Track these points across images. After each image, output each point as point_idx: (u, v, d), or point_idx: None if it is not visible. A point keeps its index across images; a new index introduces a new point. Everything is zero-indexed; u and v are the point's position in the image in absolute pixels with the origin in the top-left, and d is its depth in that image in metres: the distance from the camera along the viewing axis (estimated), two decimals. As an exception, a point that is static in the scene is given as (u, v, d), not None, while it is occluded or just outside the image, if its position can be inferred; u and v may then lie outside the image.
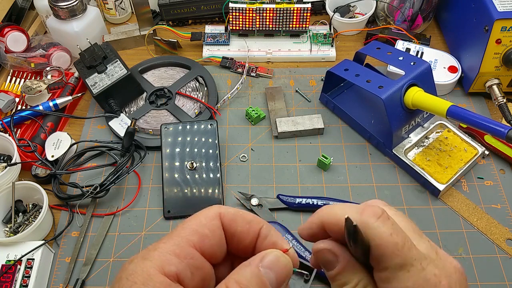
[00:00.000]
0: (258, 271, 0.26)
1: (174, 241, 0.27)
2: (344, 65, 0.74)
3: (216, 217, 0.29)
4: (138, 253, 0.27)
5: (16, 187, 0.64)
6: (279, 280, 0.27)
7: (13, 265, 0.58)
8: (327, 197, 0.68)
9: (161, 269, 0.26)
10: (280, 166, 0.72)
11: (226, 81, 0.85)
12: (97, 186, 0.66)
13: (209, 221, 0.29)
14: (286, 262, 0.27)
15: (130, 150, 0.71)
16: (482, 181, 0.70)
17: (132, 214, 0.68)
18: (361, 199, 0.68)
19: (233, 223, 0.29)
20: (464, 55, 0.81)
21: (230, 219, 0.29)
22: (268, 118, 0.79)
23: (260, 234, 0.29)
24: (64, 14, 0.81)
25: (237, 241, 0.29)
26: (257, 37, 0.90)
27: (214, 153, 0.70)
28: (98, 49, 0.77)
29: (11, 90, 0.82)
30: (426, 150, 0.71)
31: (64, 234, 0.65)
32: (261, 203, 0.67)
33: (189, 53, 0.90)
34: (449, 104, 0.62)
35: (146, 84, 0.81)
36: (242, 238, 0.29)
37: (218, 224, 0.29)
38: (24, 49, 0.83)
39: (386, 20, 0.90)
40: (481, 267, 0.62)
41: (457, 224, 0.66)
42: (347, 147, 0.75)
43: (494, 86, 0.75)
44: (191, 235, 0.28)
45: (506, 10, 0.70)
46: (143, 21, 0.89)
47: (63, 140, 0.71)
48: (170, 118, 0.77)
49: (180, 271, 0.26)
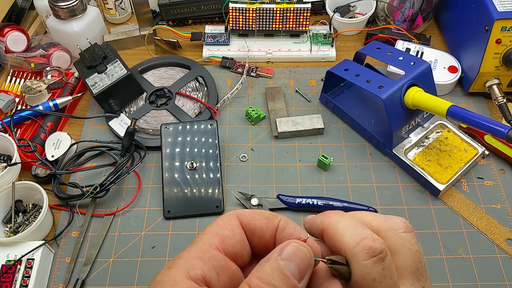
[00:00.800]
0: (278, 264, 0.26)
1: (196, 246, 0.28)
2: (344, 65, 0.74)
3: (234, 217, 0.29)
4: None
5: (16, 187, 0.64)
6: (302, 271, 0.26)
7: (13, 265, 0.58)
8: (327, 197, 0.68)
9: (186, 274, 0.26)
10: (280, 166, 0.73)
11: (226, 81, 0.85)
12: (97, 186, 0.66)
13: (227, 222, 0.29)
14: (306, 252, 0.27)
15: (130, 150, 0.71)
16: (482, 181, 0.70)
17: (132, 214, 0.68)
18: (361, 199, 0.68)
19: (251, 221, 0.29)
20: (464, 55, 0.81)
21: (248, 217, 0.29)
22: (268, 118, 0.79)
23: (278, 228, 0.29)
24: (64, 14, 0.81)
25: (258, 238, 0.29)
26: (257, 37, 0.90)
27: (214, 153, 0.70)
28: (98, 49, 0.77)
29: (11, 90, 0.82)
30: (426, 150, 0.71)
31: (64, 234, 0.65)
32: (261, 203, 0.67)
33: (189, 53, 0.90)
34: (449, 104, 0.62)
35: (146, 84, 0.81)
36: (262, 234, 0.29)
37: (237, 224, 0.29)
38: (24, 49, 0.83)
39: (386, 20, 0.90)
40: (481, 267, 0.62)
41: (457, 224, 0.66)
42: (347, 147, 0.75)
43: (494, 86, 0.75)
44: (212, 238, 0.28)
45: (506, 10, 0.70)
46: (143, 21, 0.89)
47: (63, 140, 0.71)
48: (170, 118, 0.77)
49: (205, 274, 0.26)
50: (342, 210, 0.42)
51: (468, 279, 0.60)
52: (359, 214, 0.30)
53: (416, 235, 0.29)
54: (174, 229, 0.66)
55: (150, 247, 0.64)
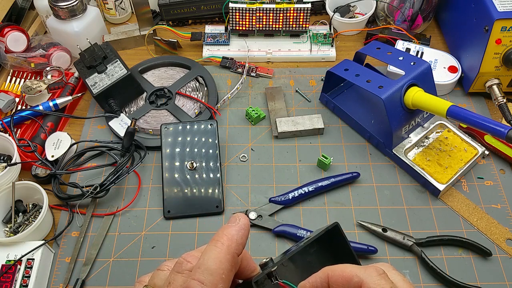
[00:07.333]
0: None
1: None
2: (344, 65, 0.74)
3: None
4: None
5: (16, 187, 0.64)
6: None
7: (13, 265, 0.58)
8: (314, 181, 0.69)
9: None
10: (280, 166, 0.72)
11: (226, 81, 0.85)
12: (97, 186, 0.66)
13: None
14: None
15: (130, 150, 0.71)
16: (482, 181, 0.70)
17: (132, 214, 0.68)
18: (360, 199, 0.68)
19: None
20: (464, 55, 0.81)
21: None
22: (268, 118, 0.79)
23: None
24: (64, 14, 0.81)
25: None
26: (257, 37, 0.90)
27: (214, 153, 0.70)
28: (98, 49, 0.77)
29: (11, 90, 0.82)
30: (426, 150, 0.71)
31: (64, 234, 0.65)
32: (259, 214, 0.67)
33: (189, 53, 0.90)
34: (449, 104, 0.62)
35: (146, 84, 0.81)
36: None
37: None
38: (24, 49, 0.83)
39: (386, 20, 0.90)
40: (481, 267, 0.62)
41: (457, 224, 0.66)
42: (347, 147, 0.75)
43: (494, 86, 0.75)
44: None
45: (506, 10, 0.70)
46: (143, 21, 0.89)
47: (63, 140, 0.71)
48: (170, 118, 0.77)
49: None
50: (330, 186, 0.47)
51: (468, 279, 0.60)
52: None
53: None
54: (174, 229, 0.66)
55: (150, 247, 0.64)
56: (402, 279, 0.30)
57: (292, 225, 0.65)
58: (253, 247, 0.64)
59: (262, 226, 0.65)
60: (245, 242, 0.30)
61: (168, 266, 0.31)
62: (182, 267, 0.29)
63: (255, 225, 0.66)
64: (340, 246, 0.35)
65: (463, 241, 0.63)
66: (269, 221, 0.66)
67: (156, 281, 0.31)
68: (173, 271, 0.29)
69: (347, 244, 0.34)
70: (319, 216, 0.67)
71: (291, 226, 0.65)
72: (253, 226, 0.66)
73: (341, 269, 0.30)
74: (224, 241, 0.29)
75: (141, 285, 0.31)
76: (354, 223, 0.66)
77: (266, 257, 0.32)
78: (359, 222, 0.65)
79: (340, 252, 0.35)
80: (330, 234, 0.34)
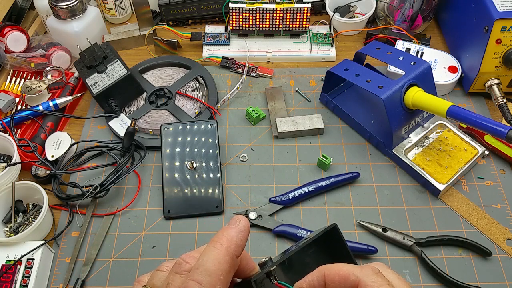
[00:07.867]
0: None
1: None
2: (344, 65, 0.74)
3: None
4: None
5: (16, 187, 0.64)
6: None
7: (13, 265, 0.58)
8: (314, 181, 0.68)
9: None
10: (280, 166, 0.73)
11: (226, 81, 0.85)
12: (97, 186, 0.66)
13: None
14: None
15: (130, 150, 0.71)
16: (482, 181, 0.70)
17: (132, 214, 0.68)
18: (360, 199, 0.68)
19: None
20: (464, 55, 0.81)
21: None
22: (268, 118, 0.79)
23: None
24: (64, 14, 0.81)
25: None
26: (257, 37, 0.90)
27: (214, 153, 0.70)
28: (98, 49, 0.77)
29: (11, 90, 0.82)
30: (426, 150, 0.71)
31: (64, 234, 0.65)
32: (259, 214, 0.67)
33: (189, 53, 0.90)
34: (449, 104, 0.62)
35: (146, 84, 0.81)
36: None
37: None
38: (24, 49, 0.83)
39: (386, 20, 0.90)
40: (481, 267, 0.62)
41: (457, 224, 0.66)
42: (347, 147, 0.75)
43: (494, 86, 0.75)
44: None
45: (506, 10, 0.70)
46: (143, 21, 0.89)
47: (63, 140, 0.71)
48: (170, 118, 0.77)
49: None
50: (330, 186, 0.48)
51: (468, 279, 0.60)
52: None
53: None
54: (174, 229, 0.66)
55: (150, 247, 0.64)
56: (397, 277, 0.31)
57: (292, 225, 0.65)
58: (253, 247, 0.64)
59: (262, 226, 0.65)
60: (244, 244, 0.30)
61: (167, 267, 0.31)
62: (181, 268, 0.29)
63: (255, 225, 0.66)
64: (338, 247, 0.35)
65: (463, 241, 0.63)
66: (269, 221, 0.66)
67: (155, 282, 0.31)
68: (171, 272, 0.29)
69: (345, 246, 0.34)
70: (319, 216, 0.67)
71: (291, 226, 0.65)
72: (253, 226, 0.66)
73: (338, 268, 0.30)
74: (223, 242, 0.29)
75: (139, 285, 0.31)
76: (354, 223, 0.66)
77: (265, 256, 0.32)
78: (359, 222, 0.65)
79: (338, 253, 0.35)
80: (328, 235, 0.34)
